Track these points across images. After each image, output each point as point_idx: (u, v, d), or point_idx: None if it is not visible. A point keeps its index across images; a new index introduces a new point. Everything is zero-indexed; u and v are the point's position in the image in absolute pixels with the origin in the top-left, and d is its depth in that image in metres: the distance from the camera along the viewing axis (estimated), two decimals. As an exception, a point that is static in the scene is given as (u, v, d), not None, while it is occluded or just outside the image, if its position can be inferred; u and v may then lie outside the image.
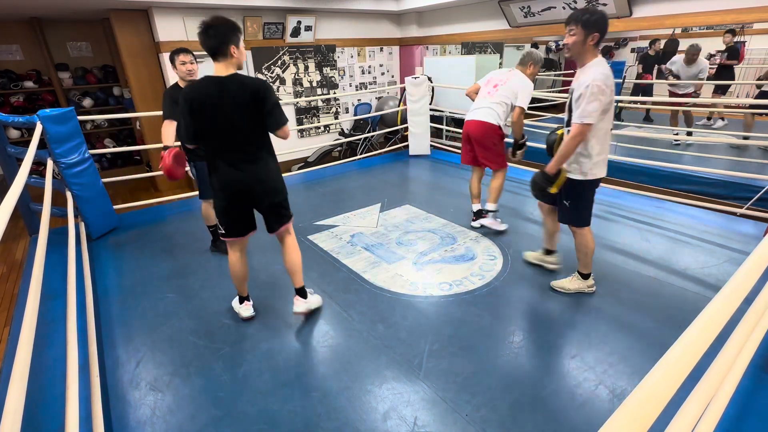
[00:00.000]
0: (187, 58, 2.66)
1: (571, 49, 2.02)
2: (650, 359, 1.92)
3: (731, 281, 0.93)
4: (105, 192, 3.47)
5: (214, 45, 1.82)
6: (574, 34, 1.97)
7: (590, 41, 1.96)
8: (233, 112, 1.87)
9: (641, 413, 0.59)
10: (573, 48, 2.01)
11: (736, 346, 1.24)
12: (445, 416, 1.69)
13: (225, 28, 1.81)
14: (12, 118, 3.02)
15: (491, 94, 3.14)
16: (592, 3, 4.60)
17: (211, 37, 1.80)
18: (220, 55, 1.84)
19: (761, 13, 3.58)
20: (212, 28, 1.80)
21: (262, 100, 1.87)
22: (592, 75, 1.94)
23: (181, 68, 2.65)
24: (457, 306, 2.41)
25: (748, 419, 1.61)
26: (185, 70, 2.66)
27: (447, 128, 6.44)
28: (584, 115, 1.97)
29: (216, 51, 1.83)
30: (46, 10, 4.81)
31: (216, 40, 1.81)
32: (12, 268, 3.61)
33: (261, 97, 1.86)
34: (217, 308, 2.46)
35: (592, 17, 1.93)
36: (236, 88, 1.85)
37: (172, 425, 1.70)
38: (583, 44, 1.97)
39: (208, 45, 1.83)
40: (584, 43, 1.97)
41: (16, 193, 1.56)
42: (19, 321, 1.84)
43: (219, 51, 1.83)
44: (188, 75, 2.68)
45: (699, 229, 3.30)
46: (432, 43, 7.02)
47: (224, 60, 1.86)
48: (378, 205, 4.03)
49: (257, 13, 5.46)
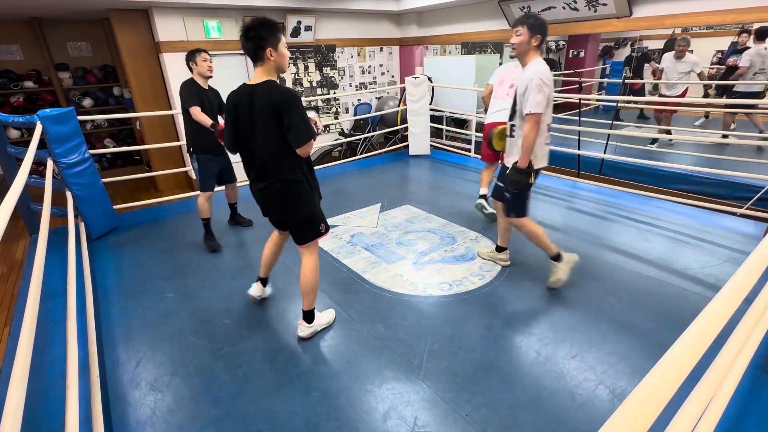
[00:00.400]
0: (209, 56, 2.88)
1: (518, 47, 2.22)
2: (650, 359, 1.92)
3: (731, 281, 0.93)
4: (105, 192, 3.47)
5: (250, 49, 1.75)
6: (520, 34, 2.19)
7: (534, 42, 2.18)
8: (257, 124, 1.79)
9: (641, 413, 0.59)
10: (519, 47, 2.21)
11: (736, 346, 1.24)
12: (445, 416, 1.69)
13: (261, 30, 1.72)
14: (12, 118, 3.02)
15: (509, 95, 3.20)
16: (593, 3, 4.60)
17: (249, 40, 1.73)
18: (257, 59, 1.77)
19: (761, 13, 3.58)
20: (251, 30, 1.72)
21: (284, 116, 1.75)
22: (534, 72, 2.15)
23: (203, 65, 2.86)
24: (457, 306, 2.41)
25: (748, 419, 1.61)
26: (207, 67, 2.88)
27: (447, 128, 6.44)
28: (533, 105, 2.15)
29: (253, 55, 1.76)
30: (46, 10, 4.81)
31: (252, 44, 1.73)
32: (12, 268, 3.62)
33: (283, 112, 1.75)
34: (217, 308, 2.46)
35: (536, 22, 2.18)
36: (262, 99, 1.75)
37: (172, 425, 1.70)
38: (528, 44, 2.19)
39: (246, 49, 1.77)
40: (529, 43, 2.19)
41: (16, 193, 1.56)
42: (19, 321, 1.84)
43: (256, 55, 1.76)
44: (209, 71, 2.91)
45: (699, 229, 3.30)
46: (432, 43, 7.02)
47: (262, 65, 1.78)
48: (378, 205, 4.03)
49: (257, 13, 5.46)
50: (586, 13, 4.77)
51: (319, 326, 2.21)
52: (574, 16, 4.90)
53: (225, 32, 5.34)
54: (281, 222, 2.14)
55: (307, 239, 2.04)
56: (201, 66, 2.87)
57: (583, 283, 2.59)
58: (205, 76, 2.94)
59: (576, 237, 3.24)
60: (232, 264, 2.99)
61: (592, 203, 3.93)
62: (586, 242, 3.15)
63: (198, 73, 2.91)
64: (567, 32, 5.32)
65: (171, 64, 5.03)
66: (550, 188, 4.37)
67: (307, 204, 1.97)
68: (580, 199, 4.05)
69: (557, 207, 3.90)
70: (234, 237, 3.43)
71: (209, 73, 2.93)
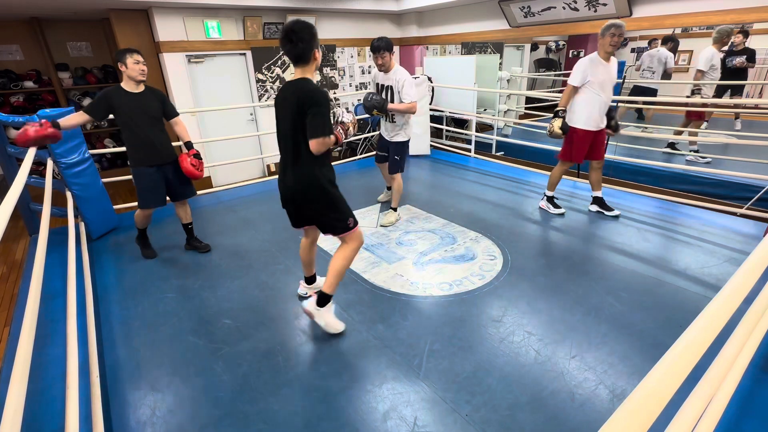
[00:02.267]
0: (141, 58, 2.62)
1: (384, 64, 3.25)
2: (650, 359, 1.93)
3: (731, 281, 0.92)
4: (105, 192, 3.48)
5: (299, 53, 1.82)
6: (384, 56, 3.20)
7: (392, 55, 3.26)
8: (285, 117, 1.91)
9: (642, 413, 0.59)
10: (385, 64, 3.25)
11: (736, 346, 1.24)
12: (445, 416, 1.69)
13: (308, 35, 1.80)
14: (12, 118, 3.02)
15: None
16: (593, 3, 4.60)
17: (295, 43, 1.79)
18: (302, 60, 1.85)
19: (761, 13, 3.58)
20: (295, 34, 1.78)
21: (306, 110, 1.84)
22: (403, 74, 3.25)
23: (134, 68, 2.58)
24: (457, 306, 2.41)
25: (748, 419, 1.61)
26: (139, 70, 2.61)
27: (447, 128, 6.44)
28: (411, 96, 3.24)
29: (300, 57, 1.83)
30: (46, 10, 4.81)
31: (302, 47, 1.80)
32: (12, 268, 3.62)
33: (306, 107, 1.84)
34: (217, 308, 2.46)
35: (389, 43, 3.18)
36: (292, 93, 1.87)
37: (172, 425, 1.70)
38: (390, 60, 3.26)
39: (293, 53, 1.82)
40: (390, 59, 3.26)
41: (16, 193, 1.56)
42: (19, 321, 1.84)
43: (303, 57, 1.83)
44: (141, 75, 2.63)
45: (699, 229, 3.30)
46: (432, 43, 7.03)
47: (304, 65, 1.87)
48: (378, 205, 4.03)
49: (257, 13, 5.47)
50: (586, 13, 4.77)
51: (321, 320, 2.14)
52: (574, 16, 4.90)
53: (225, 32, 5.34)
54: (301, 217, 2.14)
55: (335, 231, 2.08)
56: (133, 69, 2.58)
57: (583, 283, 2.60)
58: (136, 80, 2.64)
59: (576, 237, 3.24)
60: (233, 264, 2.99)
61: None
62: (586, 242, 3.15)
63: (128, 77, 2.61)
64: (567, 32, 5.32)
65: (171, 64, 5.04)
66: (550, 188, 4.36)
67: (328, 196, 2.01)
68: (580, 199, 4.05)
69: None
70: (234, 237, 3.43)
71: (141, 77, 2.62)
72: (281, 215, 3.85)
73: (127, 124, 2.68)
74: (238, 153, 5.54)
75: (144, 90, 2.71)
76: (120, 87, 2.65)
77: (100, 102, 2.60)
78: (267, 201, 4.27)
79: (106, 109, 2.62)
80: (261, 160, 6.23)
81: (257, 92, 5.90)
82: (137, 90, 2.68)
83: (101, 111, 2.61)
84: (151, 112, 2.74)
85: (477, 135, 5.72)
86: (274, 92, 6.06)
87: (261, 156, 5.59)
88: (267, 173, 6.27)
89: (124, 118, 2.66)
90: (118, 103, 2.62)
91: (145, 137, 2.72)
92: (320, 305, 2.12)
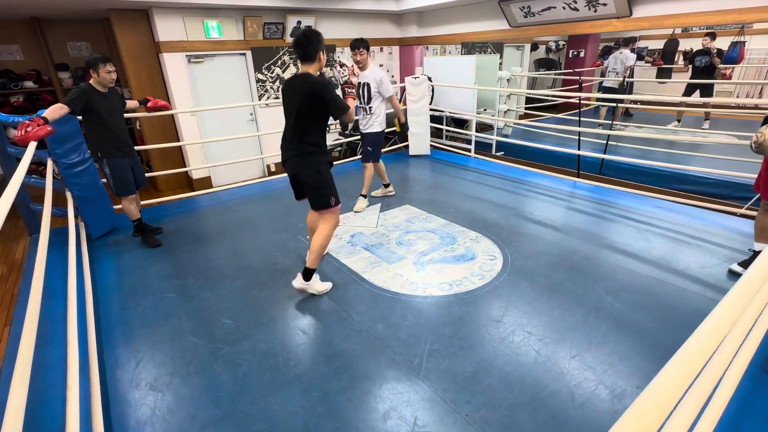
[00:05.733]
0: (113, 67, 2.93)
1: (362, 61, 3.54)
2: (650, 359, 1.93)
3: (736, 286, 0.92)
4: (105, 192, 3.47)
5: (308, 52, 2.27)
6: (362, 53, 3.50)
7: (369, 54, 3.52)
8: (292, 102, 2.32)
9: (646, 419, 0.58)
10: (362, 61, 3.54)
11: (735, 346, 1.24)
12: (445, 416, 1.69)
13: (316, 40, 2.27)
14: (12, 118, 3.02)
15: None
16: (593, 3, 4.60)
17: (305, 45, 2.25)
18: (309, 59, 2.29)
19: (761, 13, 3.58)
20: (306, 38, 2.25)
21: (321, 99, 2.25)
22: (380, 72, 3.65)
23: (106, 76, 2.89)
24: (457, 306, 2.41)
25: (748, 419, 1.62)
26: (110, 79, 2.92)
27: (447, 128, 6.44)
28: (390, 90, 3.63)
29: (308, 57, 2.29)
30: (46, 10, 4.81)
31: (311, 48, 2.26)
32: (12, 268, 3.61)
33: (318, 95, 2.24)
34: (217, 308, 2.46)
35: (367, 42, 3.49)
36: (302, 81, 2.29)
37: (172, 425, 1.70)
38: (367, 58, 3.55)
39: (303, 53, 2.28)
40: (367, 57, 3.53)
41: (13, 191, 1.56)
42: (19, 321, 1.84)
43: (310, 57, 2.29)
44: (111, 83, 2.96)
45: (699, 229, 3.30)
46: (432, 43, 7.02)
47: (310, 64, 2.30)
48: (378, 205, 4.03)
49: (257, 13, 5.46)
50: (586, 13, 4.77)
51: (312, 289, 2.51)
52: (574, 16, 4.90)
53: (225, 32, 5.33)
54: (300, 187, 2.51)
55: (319, 206, 2.44)
56: (104, 77, 2.88)
57: (583, 283, 2.60)
58: (106, 87, 2.96)
59: (576, 237, 3.24)
60: (232, 264, 2.99)
61: (592, 203, 3.93)
62: (586, 242, 3.16)
63: (98, 82, 2.90)
64: (567, 32, 5.32)
65: (171, 64, 5.03)
66: (551, 188, 4.37)
67: (319, 175, 2.38)
68: (580, 199, 4.05)
69: (557, 207, 3.90)
70: (233, 237, 3.43)
71: (111, 84, 2.96)
72: (281, 215, 3.87)
73: (102, 120, 2.92)
74: (238, 153, 5.54)
75: (109, 90, 3.01)
76: (92, 85, 2.91)
77: (80, 97, 2.80)
78: (267, 201, 4.28)
79: (84, 104, 2.84)
80: (261, 160, 6.23)
81: (257, 92, 5.90)
82: (105, 90, 2.99)
83: (80, 106, 2.81)
84: (119, 108, 3.10)
85: (477, 135, 5.72)
86: (275, 92, 6.05)
87: (261, 156, 5.58)
88: (267, 173, 6.26)
89: (100, 114, 2.90)
90: (96, 100, 2.88)
91: (120, 131, 3.04)
92: (306, 279, 2.46)
